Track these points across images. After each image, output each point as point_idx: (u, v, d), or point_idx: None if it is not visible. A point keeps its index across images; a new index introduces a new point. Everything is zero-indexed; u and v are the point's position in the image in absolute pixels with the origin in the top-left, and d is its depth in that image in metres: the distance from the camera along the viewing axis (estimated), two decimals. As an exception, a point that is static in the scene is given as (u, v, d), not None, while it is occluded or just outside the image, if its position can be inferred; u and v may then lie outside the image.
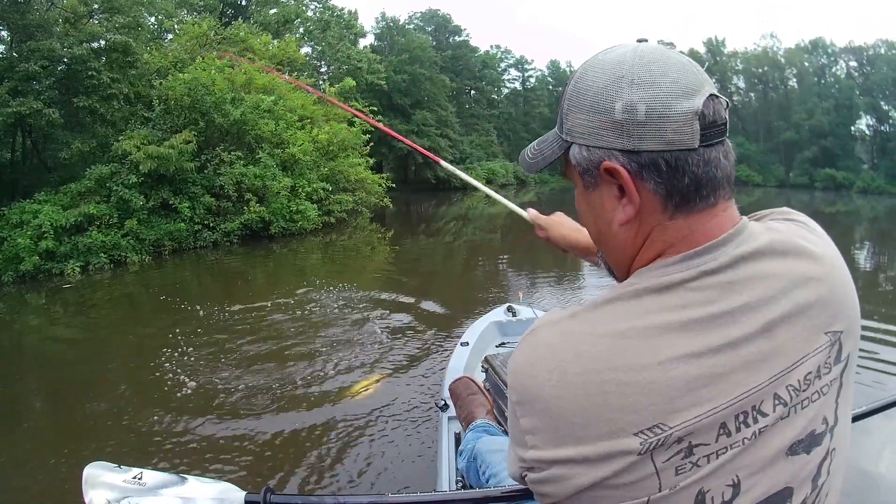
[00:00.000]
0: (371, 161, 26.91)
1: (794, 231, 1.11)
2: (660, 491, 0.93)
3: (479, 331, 5.95)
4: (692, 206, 1.00)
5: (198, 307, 10.93)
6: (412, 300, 11.47)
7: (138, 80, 19.47)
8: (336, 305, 11.04)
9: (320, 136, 22.58)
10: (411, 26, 65.96)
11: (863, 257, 19.66)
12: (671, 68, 0.98)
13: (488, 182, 57.83)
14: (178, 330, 9.31)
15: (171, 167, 16.86)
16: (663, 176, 0.98)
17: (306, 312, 10.63)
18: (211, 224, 18.31)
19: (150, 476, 1.58)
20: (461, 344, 5.65)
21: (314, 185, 21.08)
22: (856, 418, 1.60)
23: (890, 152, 66.56)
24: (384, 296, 11.95)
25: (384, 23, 62.65)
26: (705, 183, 0.99)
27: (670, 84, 0.97)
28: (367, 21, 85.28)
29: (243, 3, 35.76)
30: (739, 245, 1.01)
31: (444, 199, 44.72)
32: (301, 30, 38.15)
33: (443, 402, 4.46)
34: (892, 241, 26.84)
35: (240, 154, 19.07)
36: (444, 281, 15.33)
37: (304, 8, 38.68)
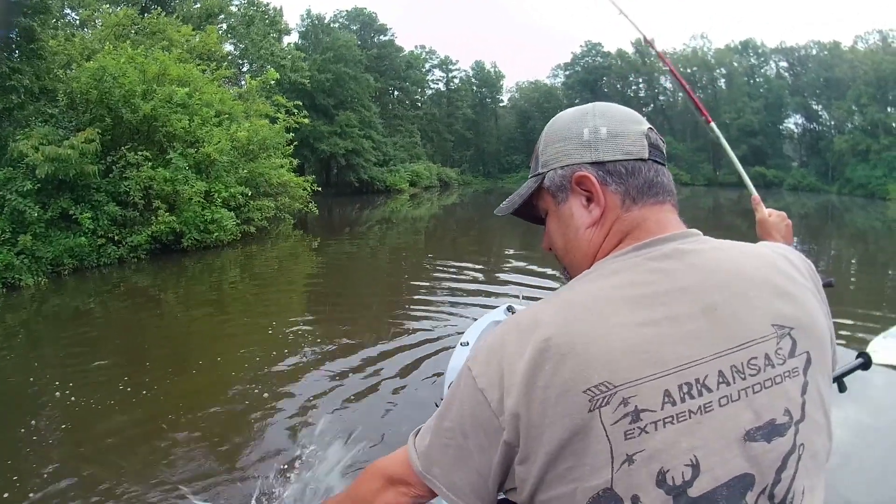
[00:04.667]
0: (294, 163, 25.26)
1: (752, 246, 1.28)
2: (612, 459, 1.01)
3: (478, 330, 6.02)
4: (645, 199, 1.22)
5: (105, 342, 9.94)
6: (369, 310, 11.74)
7: (45, 74, 17.07)
8: (289, 331, 10.29)
9: (239, 134, 20.25)
10: (336, 25, 65.57)
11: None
12: (620, 109, 1.28)
13: (412, 185, 57.38)
14: (83, 377, 7.95)
15: (72, 171, 14.81)
16: (623, 178, 1.21)
17: (242, 339, 9.98)
18: (116, 237, 16.20)
19: None
20: (461, 344, 5.74)
21: (231, 190, 18.98)
22: None
23: (821, 150, 69.72)
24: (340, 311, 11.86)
25: (309, 20, 61.76)
26: (655, 183, 1.23)
27: (622, 115, 1.26)
28: (293, 19, 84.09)
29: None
30: (686, 243, 1.18)
31: (368, 203, 44.46)
32: (224, 26, 36.24)
33: None
34: (822, 236, 28.28)
35: (148, 154, 17.01)
36: (392, 285, 15.29)
37: (227, 1, 36.78)
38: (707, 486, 1.02)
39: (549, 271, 14.33)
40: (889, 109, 61.20)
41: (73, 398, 7.13)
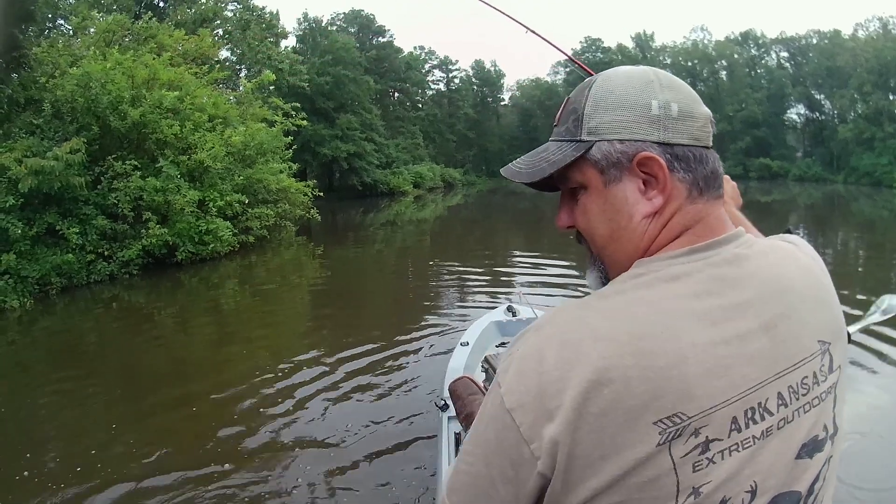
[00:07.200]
0: (294, 167, 24.05)
1: (784, 246, 1.17)
2: (678, 493, 0.93)
3: (479, 331, 5.99)
4: (710, 191, 1.08)
5: (99, 366, 9.40)
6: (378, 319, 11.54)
7: (31, 84, 16.22)
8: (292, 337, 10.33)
9: (234, 139, 18.95)
10: (334, 27, 65.04)
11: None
12: (684, 84, 1.11)
13: (416, 186, 56.91)
14: (76, 404, 7.54)
15: (57, 183, 13.79)
16: (691, 166, 1.06)
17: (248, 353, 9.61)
18: (106, 252, 15.15)
19: None
20: (461, 344, 5.66)
21: (227, 198, 17.86)
22: None
23: (825, 140, 69.15)
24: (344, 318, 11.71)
25: (307, 24, 60.85)
26: (718, 175, 1.10)
27: (689, 92, 1.09)
28: (289, 22, 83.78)
29: (160, 4, 33.09)
30: (739, 246, 1.06)
31: (372, 206, 43.71)
32: (220, 31, 35.44)
33: (443, 402, 4.41)
34: (829, 226, 28.21)
35: (136, 163, 15.98)
36: (399, 289, 15.00)
37: (222, 5, 36.03)
38: None
39: (555, 270, 14.36)
40: (892, 97, 60.37)
41: (67, 427, 6.79)
